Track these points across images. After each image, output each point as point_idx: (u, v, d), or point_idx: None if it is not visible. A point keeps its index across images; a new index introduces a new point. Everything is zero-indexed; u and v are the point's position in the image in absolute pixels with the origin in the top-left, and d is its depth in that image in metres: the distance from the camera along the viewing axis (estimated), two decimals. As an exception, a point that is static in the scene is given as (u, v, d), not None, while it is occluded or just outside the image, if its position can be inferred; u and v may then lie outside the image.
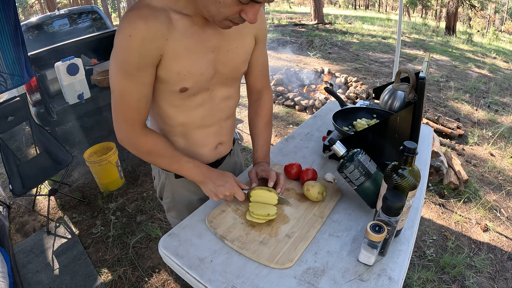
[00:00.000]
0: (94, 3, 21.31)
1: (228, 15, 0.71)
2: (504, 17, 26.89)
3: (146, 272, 1.95)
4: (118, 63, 0.75)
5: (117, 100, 0.80)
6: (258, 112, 1.11)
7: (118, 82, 0.78)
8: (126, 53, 0.73)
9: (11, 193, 2.11)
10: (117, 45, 0.74)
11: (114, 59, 0.76)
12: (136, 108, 0.81)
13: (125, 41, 0.72)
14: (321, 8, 11.83)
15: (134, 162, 3.11)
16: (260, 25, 0.96)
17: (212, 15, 0.73)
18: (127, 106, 0.81)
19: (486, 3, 20.59)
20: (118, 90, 0.79)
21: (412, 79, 1.14)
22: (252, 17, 0.71)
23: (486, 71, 6.27)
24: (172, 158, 0.91)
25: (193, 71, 0.82)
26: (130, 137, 0.86)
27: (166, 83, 0.83)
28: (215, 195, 0.92)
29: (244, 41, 0.92)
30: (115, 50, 0.74)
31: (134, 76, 0.76)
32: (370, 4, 33.33)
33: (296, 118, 3.96)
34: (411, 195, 0.77)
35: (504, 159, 3.10)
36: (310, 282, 0.73)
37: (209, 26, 0.83)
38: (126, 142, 0.86)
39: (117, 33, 0.73)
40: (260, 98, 1.11)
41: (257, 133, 1.11)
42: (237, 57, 0.91)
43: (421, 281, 1.85)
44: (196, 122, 0.95)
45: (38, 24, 4.25)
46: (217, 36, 0.85)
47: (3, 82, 2.08)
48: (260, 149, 1.09)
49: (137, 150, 0.88)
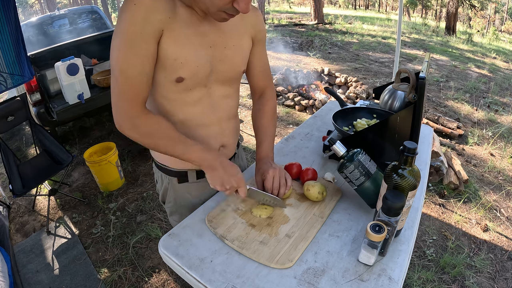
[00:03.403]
0: (94, 3, 21.31)
1: (221, 5, 0.73)
2: (504, 17, 26.89)
3: (146, 272, 1.95)
4: (121, 33, 0.74)
5: (118, 76, 0.77)
6: (261, 108, 1.10)
7: (119, 56, 0.76)
8: (129, 22, 0.73)
9: (11, 193, 2.11)
10: (121, 16, 0.74)
11: (116, 31, 0.75)
12: (137, 84, 0.78)
13: (129, 10, 0.72)
14: (321, 8, 11.83)
15: (134, 162, 3.11)
16: (259, 27, 0.98)
17: (206, 7, 0.76)
18: (128, 82, 0.77)
19: (486, 3, 20.58)
20: (119, 64, 0.76)
21: (412, 79, 1.14)
22: (244, 7, 0.73)
23: (486, 71, 6.27)
24: (176, 140, 0.85)
25: (190, 60, 0.82)
26: (130, 117, 0.79)
27: (163, 71, 0.82)
28: (221, 184, 0.87)
29: (241, 40, 0.93)
30: (119, 22, 0.74)
31: (137, 46, 0.75)
32: (370, 4, 33.33)
33: (296, 118, 3.96)
34: (411, 195, 0.77)
35: (504, 159, 3.10)
36: (310, 282, 0.73)
37: (208, 21, 0.84)
38: (126, 123, 0.80)
39: (122, 5, 0.74)
40: (263, 96, 1.11)
41: (260, 128, 1.08)
42: (234, 55, 0.91)
43: (421, 281, 1.85)
44: (195, 120, 0.94)
45: (38, 24, 4.25)
46: (215, 31, 0.86)
47: (3, 82, 2.08)
48: (263, 144, 1.05)
49: (137, 131, 0.81)
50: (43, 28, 4.26)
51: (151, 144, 0.85)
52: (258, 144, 1.07)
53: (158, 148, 0.87)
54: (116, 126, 0.82)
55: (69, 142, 3.57)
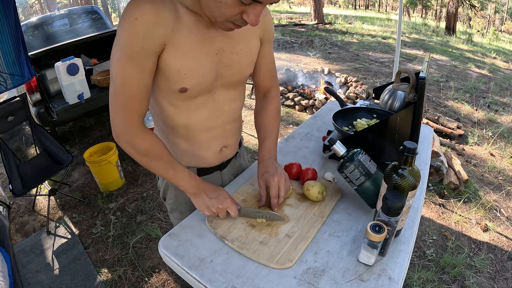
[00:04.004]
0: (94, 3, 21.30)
1: (229, 16, 0.70)
2: (504, 17, 26.90)
3: (146, 272, 1.95)
4: (121, 47, 0.73)
5: (118, 89, 0.76)
6: (264, 106, 1.08)
7: (119, 69, 0.75)
8: (130, 36, 0.71)
9: (11, 193, 2.11)
10: (122, 28, 0.71)
11: (117, 44, 0.73)
12: (136, 97, 0.77)
13: (131, 24, 0.70)
14: (321, 8, 11.83)
15: (134, 162, 3.11)
16: (266, 26, 0.94)
17: (213, 16, 0.72)
18: (128, 95, 0.77)
19: (486, 3, 20.58)
20: (120, 76, 0.75)
21: (412, 79, 1.14)
22: (253, 19, 0.69)
23: (486, 71, 6.27)
24: (168, 164, 0.86)
25: (194, 71, 0.81)
26: (128, 133, 0.80)
27: (166, 80, 0.81)
28: (207, 208, 0.87)
29: (249, 43, 0.90)
30: (119, 35, 0.72)
31: (137, 62, 0.74)
32: (370, 4, 33.33)
33: (296, 118, 3.96)
34: (411, 195, 0.77)
35: (504, 159, 3.10)
36: (310, 282, 0.73)
37: (214, 27, 0.81)
38: (123, 138, 0.81)
39: (122, 17, 0.72)
40: (267, 95, 1.09)
41: (262, 126, 1.06)
42: (241, 59, 0.89)
43: (421, 281, 1.85)
44: (199, 124, 0.93)
45: (38, 24, 4.25)
46: (222, 37, 0.83)
47: (3, 82, 2.08)
48: (266, 141, 1.02)
49: (134, 148, 0.82)
50: (43, 28, 4.26)
51: (145, 162, 0.86)
52: (261, 142, 1.04)
53: (149, 167, 0.87)
54: (113, 136, 0.82)
55: (69, 142, 3.57)
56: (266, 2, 0.67)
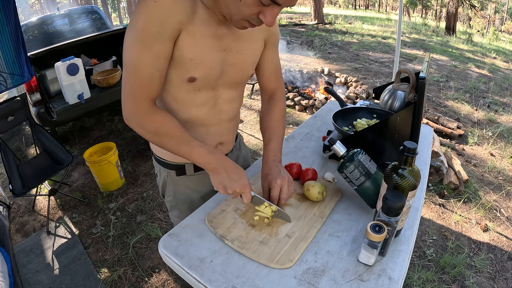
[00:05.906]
0: (94, 3, 21.30)
1: (247, 15, 0.71)
2: (504, 17, 26.90)
3: (146, 272, 1.95)
4: (136, 31, 0.72)
5: (130, 72, 0.77)
6: (270, 109, 1.08)
7: (132, 53, 0.75)
8: (147, 20, 0.71)
9: (11, 193, 2.11)
10: (138, 11, 0.71)
11: (132, 27, 0.73)
12: (147, 82, 0.78)
13: (149, 7, 0.70)
14: (321, 8, 11.84)
15: (134, 162, 3.11)
16: (272, 29, 0.96)
17: (230, 13, 0.73)
18: (139, 80, 0.77)
19: (486, 3, 20.59)
20: (132, 61, 0.75)
21: (412, 79, 1.14)
22: (270, 20, 0.71)
23: (486, 71, 6.27)
24: (181, 139, 0.84)
25: (205, 61, 0.82)
26: (137, 113, 0.80)
27: (177, 70, 0.82)
28: (224, 188, 0.85)
29: (255, 44, 0.92)
30: (135, 18, 0.72)
31: (151, 47, 0.74)
32: (370, 4, 33.33)
33: (296, 118, 3.96)
34: (411, 195, 0.77)
35: (504, 159, 3.10)
36: (310, 282, 0.73)
37: (224, 25, 0.83)
38: (133, 119, 0.81)
39: (140, 1, 0.71)
40: (273, 97, 1.10)
41: (268, 128, 1.05)
42: (246, 59, 0.91)
43: (421, 281, 1.85)
44: (198, 120, 0.95)
45: (38, 24, 4.25)
46: (231, 36, 0.85)
47: (3, 82, 2.08)
48: (271, 143, 1.02)
49: (143, 128, 0.82)
50: (43, 28, 4.26)
51: (157, 141, 0.85)
52: (266, 144, 1.03)
53: (163, 145, 0.86)
54: (124, 119, 0.83)
55: (69, 142, 3.57)
56: (284, 5, 0.69)
